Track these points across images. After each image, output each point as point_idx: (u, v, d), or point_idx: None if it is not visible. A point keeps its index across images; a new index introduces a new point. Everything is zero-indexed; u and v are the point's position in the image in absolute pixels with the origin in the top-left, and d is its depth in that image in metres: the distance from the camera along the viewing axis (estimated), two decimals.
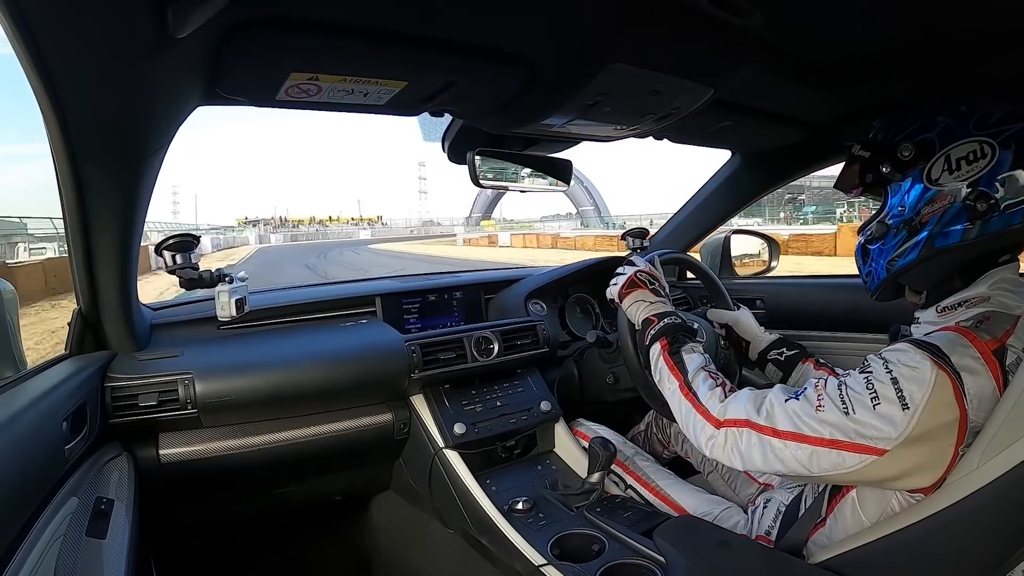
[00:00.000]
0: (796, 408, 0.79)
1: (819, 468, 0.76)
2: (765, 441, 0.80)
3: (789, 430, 0.78)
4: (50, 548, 0.73)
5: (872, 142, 0.89)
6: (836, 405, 0.76)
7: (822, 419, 0.76)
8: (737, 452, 0.83)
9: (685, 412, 0.91)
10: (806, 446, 0.76)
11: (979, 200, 0.76)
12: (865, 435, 0.73)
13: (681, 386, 0.94)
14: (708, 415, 0.87)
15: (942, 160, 0.79)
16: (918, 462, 0.72)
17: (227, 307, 1.12)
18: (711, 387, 0.90)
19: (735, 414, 0.84)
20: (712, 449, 0.86)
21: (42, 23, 0.53)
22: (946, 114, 0.81)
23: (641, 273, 1.16)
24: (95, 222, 0.90)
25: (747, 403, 0.84)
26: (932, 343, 0.75)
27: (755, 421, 0.81)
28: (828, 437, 0.75)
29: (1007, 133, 0.76)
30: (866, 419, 0.73)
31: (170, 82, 0.71)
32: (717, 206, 1.84)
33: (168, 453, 1.17)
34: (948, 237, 0.80)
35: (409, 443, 1.42)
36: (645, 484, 1.25)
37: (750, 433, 0.81)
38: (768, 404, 0.82)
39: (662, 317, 1.06)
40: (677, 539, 0.95)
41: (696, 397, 0.90)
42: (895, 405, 0.72)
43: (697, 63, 0.92)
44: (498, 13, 0.76)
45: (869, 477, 0.75)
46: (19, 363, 1.02)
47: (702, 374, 0.93)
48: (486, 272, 1.93)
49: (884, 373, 0.74)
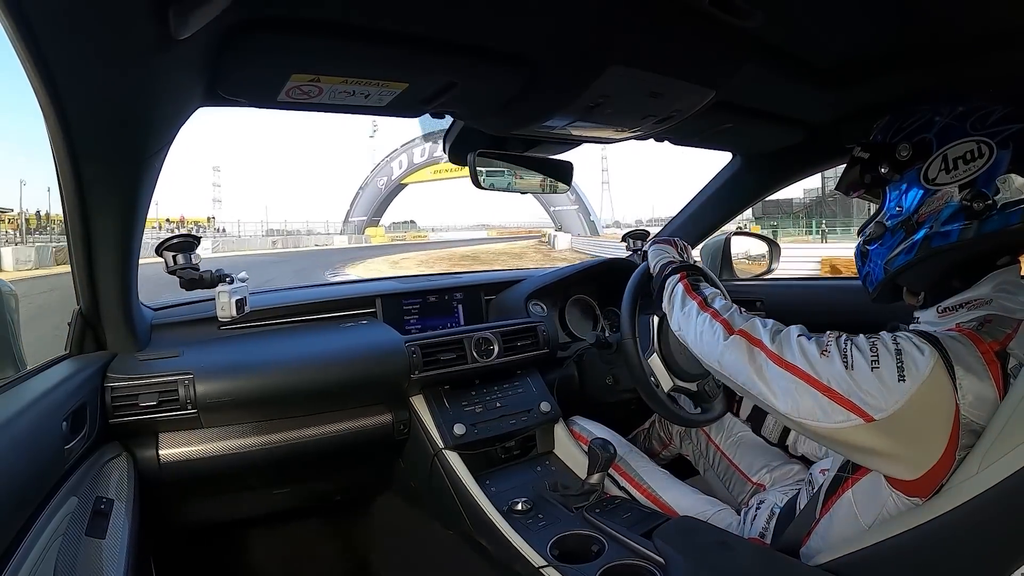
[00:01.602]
0: (805, 345, 0.81)
1: (806, 408, 0.77)
2: (768, 364, 0.82)
3: (790, 361, 0.80)
4: (50, 547, 0.73)
5: (872, 143, 0.89)
6: (839, 356, 0.77)
7: (824, 364, 0.77)
8: (739, 364, 0.86)
9: (701, 320, 0.95)
10: (802, 382, 0.78)
11: (976, 200, 0.76)
12: (858, 395, 0.73)
13: (700, 303, 0.99)
14: (726, 323, 0.91)
15: (939, 160, 0.79)
16: (904, 445, 0.72)
17: (227, 307, 1.12)
18: (729, 305, 0.96)
19: (752, 331, 0.87)
20: (720, 354, 0.89)
21: (44, 24, 0.53)
22: (944, 114, 0.81)
23: (678, 240, 1.28)
24: (96, 222, 0.90)
25: (765, 329, 0.87)
26: (935, 336, 0.75)
27: (767, 345, 0.84)
28: (823, 383, 0.76)
29: (1005, 133, 0.76)
30: (862, 379, 0.74)
31: (171, 83, 0.71)
32: (718, 207, 1.84)
33: (168, 453, 1.17)
34: (945, 237, 0.79)
35: (409, 444, 1.42)
36: (637, 486, 1.26)
37: (759, 353, 0.84)
38: (783, 335, 0.84)
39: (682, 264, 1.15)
40: (677, 540, 0.94)
41: (716, 311, 0.95)
42: (893, 373, 0.72)
43: (698, 65, 0.92)
44: (499, 15, 0.76)
45: (849, 440, 0.75)
46: (19, 363, 1.02)
47: (721, 298, 0.99)
48: (487, 273, 1.94)
49: (890, 342, 0.75)
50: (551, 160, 1.35)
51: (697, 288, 1.04)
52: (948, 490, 0.71)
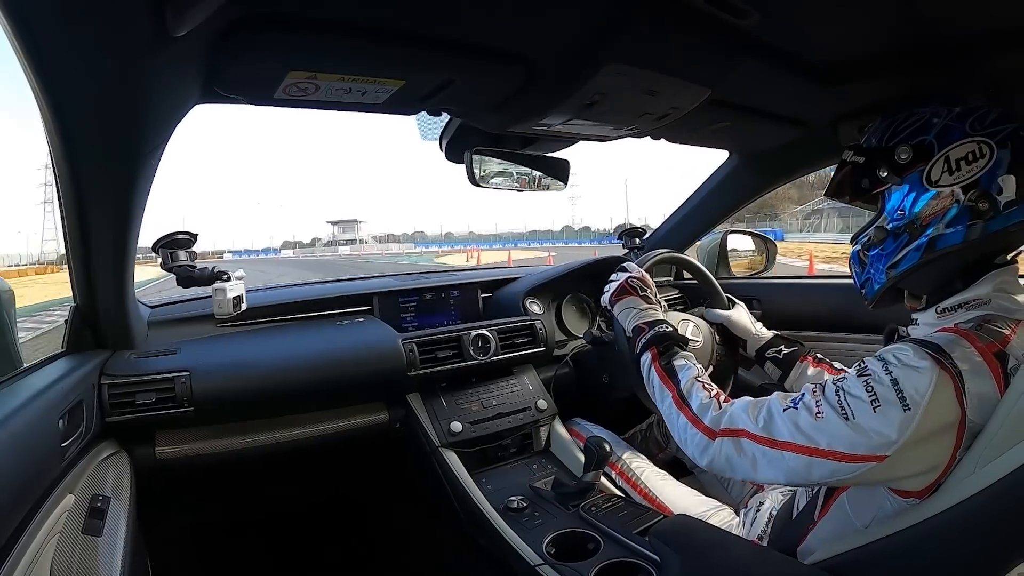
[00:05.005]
0: (794, 417, 0.77)
1: (818, 476, 0.75)
2: (761, 451, 0.79)
3: (786, 440, 0.77)
4: (46, 545, 0.73)
5: (867, 147, 0.88)
6: (835, 411, 0.74)
7: (820, 428, 0.74)
8: (732, 463, 0.82)
9: (680, 424, 0.90)
10: (804, 456, 0.75)
11: (981, 199, 0.76)
12: (865, 444, 0.71)
13: (674, 397, 0.93)
14: (703, 426, 0.86)
15: (942, 161, 0.79)
16: (918, 464, 0.71)
17: (224, 305, 1.12)
18: (705, 398, 0.89)
19: (731, 423, 0.83)
20: (707, 461, 0.85)
21: (40, 21, 0.53)
22: (942, 116, 0.80)
23: (633, 280, 1.17)
24: (93, 220, 0.89)
25: (744, 412, 0.83)
26: (933, 342, 0.74)
27: (751, 431, 0.80)
28: (826, 448, 0.73)
29: (1003, 133, 0.76)
30: (866, 424, 0.71)
31: (168, 80, 0.71)
32: (714, 206, 1.84)
33: (165, 451, 1.17)
34: (951, 238, 0.78)
35: (405, 442, 1.42)
36: (634, 485, 1.26)
37: (748, 443, 0.80)
38: (765, 413, 0.81)
39: (652, 325, 1.06)
40: (672, 538, 0.95)
41: (690, 408, 0.89)
42: (896, 407, 0.70)
43: (695, 63, 0.93)
44: (496, 13, 0.76)
45: (867, 480, 0.74)
46: (16, 360, 1.02)
47: (696, 385, 0.92)
48: (483, 270, 1.94)
49: (883, 374, 0.73)
50: (548, 158, 1.35)
51: (670, 370, 0.97)
52: (945, 489, 0.71)
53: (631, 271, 1.20)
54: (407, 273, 1.88)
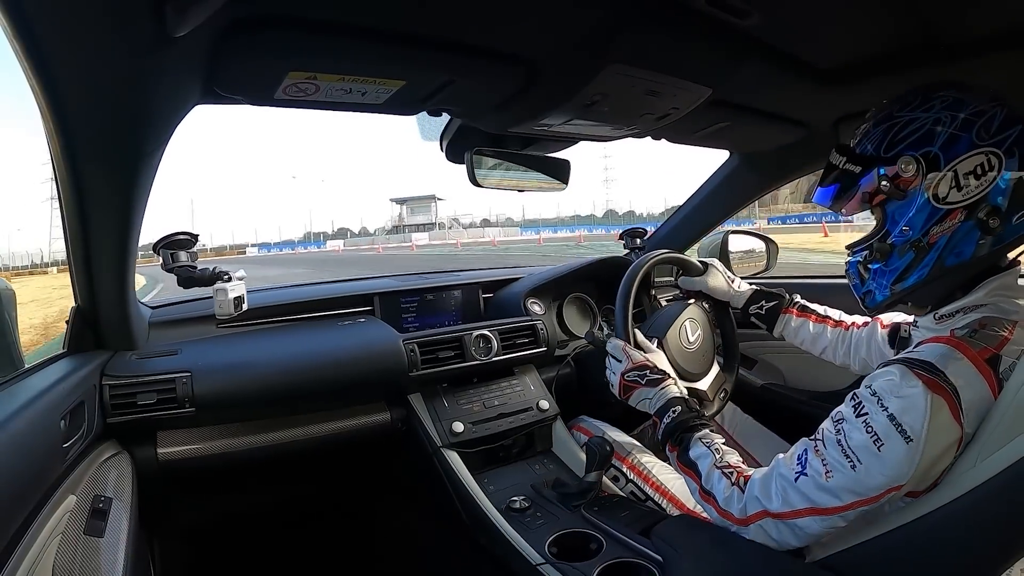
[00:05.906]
0: (806, 485, 0.77)
1: (846, 521, 0.76)
2: (790, 524, 0.79)
3: (807, 507, 0.77)
4: (48, 546, 0.73)
5: (862, 155, 0.83)
6: (843, 464, 0.74)
7: (834, 487, 0.74)
8: (774, 539, 0.82)
9: (714, 516, 0.89)
10: (828, 517, 0.76)
11: (991, 216, 0.74)
12: (879, 482, 0.71)
13: (700, 491, 0.91)
14: (733, 518, 0.85)
15: (949, 176, 0.75)
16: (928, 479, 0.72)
17: (225, 305, 1.12)
18: (727, 488, 0.87)
19: (754, 509, 0.83)
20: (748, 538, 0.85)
21: (40, 22, 0.53)
22: (946, 123, 0.76)
23: (628, 374, 1.08)
24: (94, 221, 0.90)
25: (760, 495, 0.82)
26: (925, 360, 0.73)
27: (772, 510, 0.80)
28: (845, 504, 0.74)
29: (1009, 140, 0.74)
30: (875, 467, 0.71)
31: (168, 81, 0.71)
32: (715, 206, 1.84)
33: (166, 452, 1.17)
34: (960, 256, 0.77)
35: (407, 442, 1.42)
36: (646, 479, 1.25)
37: (775, 522, 0.80)
38: (779, 488, 0.80)
39: (663, 414, 1.00)
40: (675, 538, 0.95)
41: (716, 502, 0.88)
42: (898, 440, 0.70)
43: (695, 63, 0.92)
44: (497, 13, 0.76)
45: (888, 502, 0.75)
46: (17, 361, 1.02)
47: (716, 473, 0.89)
48: (484, 271, 1.94)
49: (879, 411, 0.72)
50: (549, 158, 1.35)
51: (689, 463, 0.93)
52: (945, 484, 0.72)
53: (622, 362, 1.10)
54: (407, 273, 1.88)
